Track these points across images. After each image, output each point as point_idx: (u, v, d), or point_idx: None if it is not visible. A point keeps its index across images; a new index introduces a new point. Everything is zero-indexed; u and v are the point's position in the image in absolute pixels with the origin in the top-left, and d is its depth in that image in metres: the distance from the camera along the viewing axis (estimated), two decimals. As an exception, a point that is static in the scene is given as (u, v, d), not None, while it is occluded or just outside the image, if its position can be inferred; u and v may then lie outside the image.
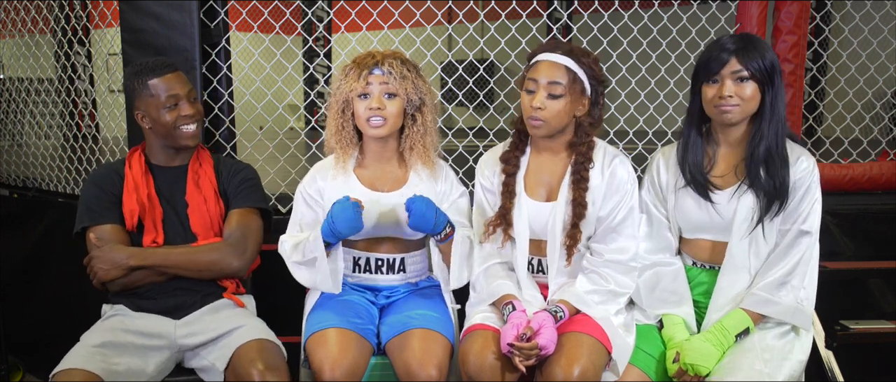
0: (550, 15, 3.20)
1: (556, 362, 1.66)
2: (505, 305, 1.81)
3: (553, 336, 1.69)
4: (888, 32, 2.93)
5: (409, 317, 1.85)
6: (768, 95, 1.72)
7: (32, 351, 2.93)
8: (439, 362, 1.74)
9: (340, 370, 1.70)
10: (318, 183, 1.95)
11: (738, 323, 1.74)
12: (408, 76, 1.85)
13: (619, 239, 1.83)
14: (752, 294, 1.75)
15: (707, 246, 1.85)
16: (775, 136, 1.73)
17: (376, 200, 1.90)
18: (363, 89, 1.84)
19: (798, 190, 1.74)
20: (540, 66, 1.78)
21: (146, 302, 1.86)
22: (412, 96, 1.87)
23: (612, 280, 1.81)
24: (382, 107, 1.83)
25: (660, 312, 1.85)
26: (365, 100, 1.85)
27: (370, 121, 1.85)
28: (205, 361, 1.81)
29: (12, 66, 3.38)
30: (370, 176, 1.95)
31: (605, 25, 2.67)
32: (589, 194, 1.81)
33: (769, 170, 1.73)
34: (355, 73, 1.85)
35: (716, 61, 1.73)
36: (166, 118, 1.88)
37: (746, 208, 1.76)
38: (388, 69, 1.83)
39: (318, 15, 6.86)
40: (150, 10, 2.33)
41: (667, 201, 1.87)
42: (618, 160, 1.83)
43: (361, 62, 1.86)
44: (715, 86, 1.74)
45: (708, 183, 1.80)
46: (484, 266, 1.91)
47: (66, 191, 2.84)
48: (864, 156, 2.82)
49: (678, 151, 1.85)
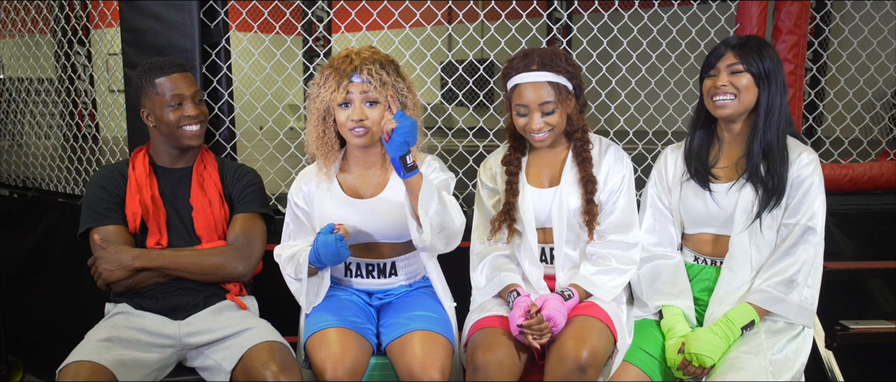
0: (550, 15, 3.20)
1: (566, 342, 1.69)
2: (509, 293, 1.84)
3: (560, 307, 1.73)
4: (888, 32, 2.93)
5: (409, 319, 1.85)
6: (765, 92, 1.75)
7: (32, 351, 2.93)
8: (442, 364, 1.74)
9: (343, 369, 1.70)
10: (303, 189, 1.93)
11: (743, 316, 1.75)
12: (387, 81, 1.79)
13: (619, 223, 1.87)
14: (760, 290, 1.76)
15: (709, 239, 1.87)
16: (776, 132, 1.76)
17: (357, 207, 1.88)
18: (343, 99, 1.79)
19: (801, 185, 1.75)
20: (523, 91, 1.82)
21: (148, 302, 1.87)
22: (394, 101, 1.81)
23: (613, 259, 1.86)
24: (364, 118, 1.78)
25: (659, 303, 1.87)
26: (346, 109, 1.80)
27: (353, 131, 1.80)
28: (209, 360, 1.81)
29: (12, 66, 3.38)
30: (352, 182, 1.92)
31: (605, 25, 2.67)
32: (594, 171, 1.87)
33: (768, 164, 1.76)
34: (334, 81, 1.79)
35: (714, 55, 1.80)
36: (170, 117, 1.89)
37: (746, 201, 1.78)
38: (367, 77, 1.77)
39: (318, 15, 6.86)
40: (150, 10, 2.33)
41: (671, 194, 1.90)
42: (612, 147, 1.92)
43: (339, 68, 1.79)
44: (712, 78, 1.79)
45: (709, 173, 1.84)
46: (488, 257, 1.94)
47: (66, 191, 2.83)
48: (864, 156, 2.82)
49: (685, 147, 1.91)
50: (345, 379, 1.70)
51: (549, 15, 3.10)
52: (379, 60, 1.81)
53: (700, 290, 1.88)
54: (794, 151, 1.78)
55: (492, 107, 3.48)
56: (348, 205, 1.88)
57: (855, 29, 2.90)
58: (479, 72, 3.84)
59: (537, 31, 2.70)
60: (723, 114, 1.79)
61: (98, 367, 1.64)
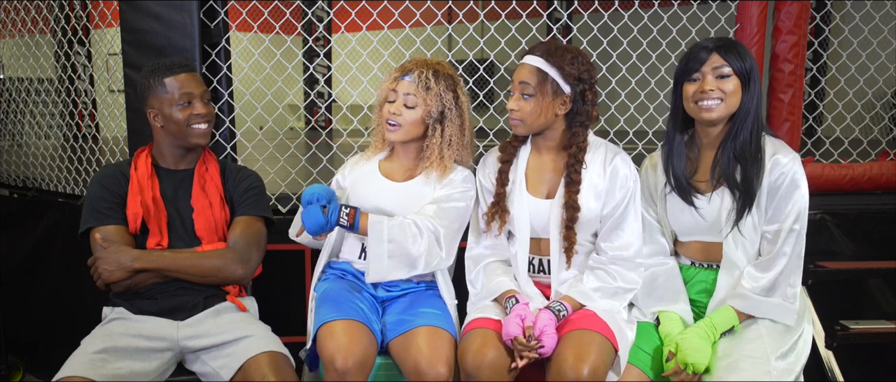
0: (550, 15, 3.20)
1: (566, 360, 1.66)
2: (507, 299, 1.83)
3: (554, 340, 1.70)
4: (888, 32, 2.93)
5: (413, 315, 1.86)
6: (746, 95, 1.73)
7: (32, 351, 2.93)
8: (448, 359, 1.75)
9: (352, 359, 1.71)
10: (346, 172, 2.08)
11: (725, 322, 1.76)
12: (433, 88, 1.91)
13: (624, 236, 1.84)
14: (743, 296, 1.75)
15: (699, 247, 1.87)
16: (750, 134, 1.74)
17: (386, 187, 1.99)
18: (390, 95, 1.94)
19: (778, 190, 1.73)
20: (517, 68, 1.86)
21: (146, 303, 1.86)
22: (432, 108, 1.92)
23: (619, 277, 1.83)
24: (399, 114, 1.92)
25: (656, 310, 1.86)
26: (390, 105, 1.94)
27: (387, 123, 1.94)
28: (207, 367, 1.80)
29: (12, 66, 3.38)
30: (389, 167, 2.04)
31: (605, 25, 2.67)
32: (588, 194, 1.82)
33: (743, 168, 1.74)
34: (392, 77, 1.96)
35: (696, 59, 1.75)
36: (178, 116, 1.89)
37: (727, 208, 1.77)
38: (417, 78, 1.91)
39: (318, 15, 6.86)
40: (150, 10, 2.33)
41: (657, 206, 1.89)
42: (619, 157, 1.85)
43: (402, 66, 1.97)
44: (696, 83, 1.75)
45: (691, 187, 1.81)
46: (483, 263, 1.94)
47: (66, 191, 2.84)
48: (864, 156, 2.82)
49: (662, 155, 1.88)
50: (354, 369, 1.70)
51: (549, 15, 3.10)
52: (434, 68, 1.95)
53: (697, 292, 1.87)
54: (770, 152, 1.75)
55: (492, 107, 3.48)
56: (379, 183, 2.01)
57: (855, 29, 2.91)
58: (479, 73, 3.84)
59: (537, 31, 2.70)
60: (709, 117, 1.75)
61: None
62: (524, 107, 1.81)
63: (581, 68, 1.81)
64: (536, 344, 1.68)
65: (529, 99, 1.81)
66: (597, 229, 1.87)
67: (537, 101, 1.80)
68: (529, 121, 1.83)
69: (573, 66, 1.80)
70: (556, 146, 1.89)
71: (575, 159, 1.83)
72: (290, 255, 2.41)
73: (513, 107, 1.83)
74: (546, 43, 1.85)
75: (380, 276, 1.88)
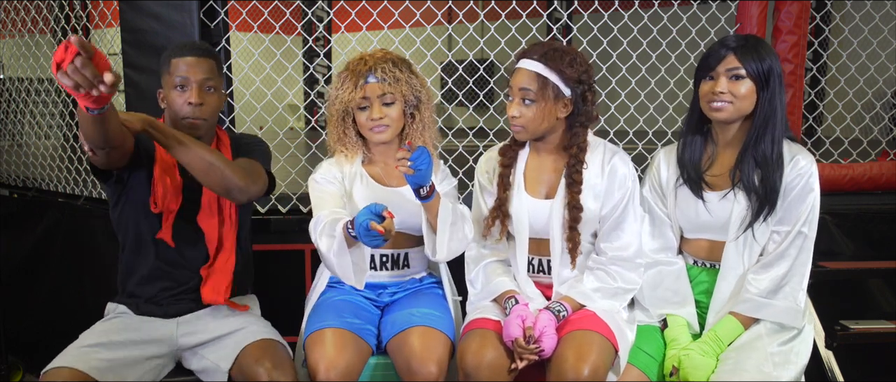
0: (550, 15, 3.20)
1: (566, 360, 1.66)
2: (507, 300, 1.83)
3: (554, 342, 1.70)
4: (888, 32, 2.93)
5: (411, 315, 1.85)
6: (764, 97, 1.71)
7: (32, 351, 2.93)
8: (439, 358, 1.75)
9: (336, 371, 1.70)
10: (332, 170, 1.94)
11: (730, 333, 1.75)
12: (401, 77, 1.86)
13: (623, 236, 1.83)
14: (747, 299, 1.75)
15: (705, 245, 1.85)
16: (771, 140, 1.72)
17: (383, 193, 1.93)
18: (361, 102, 1.86)
19: (793, 191, 1.73)
20: (515, 73, 1.82)
21: (151, 307, 1.85)
22: (409, 97, 1.89)
23: (619, 277, 1.82)
24: (383, 116, 1.86)
25: (663, 312, 1.86)
26: (365, 111, 1.87)
27: (373, 130, 1.88)
28: (206, 361, 1.80)
29: (12, 66, 3.38)
30: (378, 172, 1.98)
31: (605, 25, 2.67)
32: (586, 195, 1.81)
33: (763, 173, 1.73)
34: (351, 83, 1.86)
35: (714, 57, 1.73)
36: (173, 99, 1.80)
37: (740, 211, 1.76)
38: (382, 75, 1.85)
39: (318, 15, 6.86)
40: (150, 10, 2.33)
41: (666, 199, 1.88)
42: (618, 157, 1.84)
43: (355, 69, 1.86)
44: (711, 81, 1.74)
45: (702, 180, 1.80)
46: (483, 263, 1.93)
47: (66, 191, 2.84)
48: (864, 156, 2.82)
49: (678, 149, 1.86)
50: (337, 381, 1.70)
51: (549, 15, 3.10)
52: (391, 59, 1.88)
53: (699, 293, 1.87)
54: (789, 156, 1.74)
55: (492, 107, 3.48)
56: (377, 190, 1.94)
57: (855, 29, 2.91)
58: (479, 73, 3.84)
59: (537, 31, 2.71)
60: (719, 117, 1.74)
61: (79, 374, 1.62)
62: (526, 114, 1.78)
63: (580, 70, 1.80)
64: (536, 348, 1.68)
65: (531, 105, 1.78)
66: (596, 229, 1.87)
67: (539, 107, 1.78)
68: (532, 128, 1.80)
69: (572, 69, 1.78)
70: (555, 147, 1.88)
71: (576, 160, 1.82)
72: (291, 255, 2.41)
73: (514, 113, 1.79)
74: (541, 45, 1.82)
75: (448, 254, 1.81)
